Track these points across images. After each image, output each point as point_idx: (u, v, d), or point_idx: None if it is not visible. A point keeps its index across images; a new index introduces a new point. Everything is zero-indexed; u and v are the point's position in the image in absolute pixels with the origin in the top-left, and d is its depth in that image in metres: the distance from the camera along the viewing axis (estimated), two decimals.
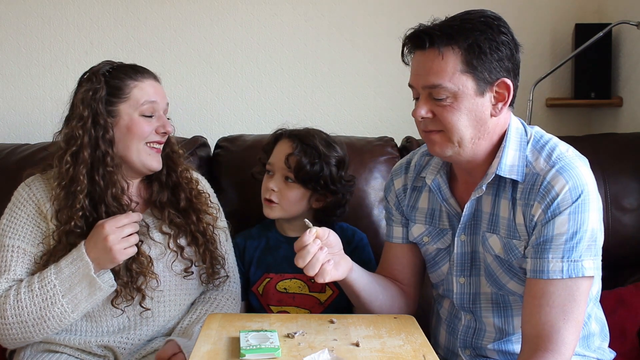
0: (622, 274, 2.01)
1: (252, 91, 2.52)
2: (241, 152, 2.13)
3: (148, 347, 1.59)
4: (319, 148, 1.77)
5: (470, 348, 1.50)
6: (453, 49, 1.30)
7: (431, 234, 1.52)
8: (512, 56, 1.33)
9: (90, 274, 1.45)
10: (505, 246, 1.38)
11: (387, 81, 2.50)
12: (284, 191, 1.76)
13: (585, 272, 1.30)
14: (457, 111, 1.32)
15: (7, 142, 2.34)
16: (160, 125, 1.58)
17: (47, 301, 1.45)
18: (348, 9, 2.50)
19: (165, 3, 2.49)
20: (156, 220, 1.64)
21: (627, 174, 2.04)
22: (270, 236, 1.87)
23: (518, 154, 1.37)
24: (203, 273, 1.66)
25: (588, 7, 2.50)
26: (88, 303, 1.48)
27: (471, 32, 1.30)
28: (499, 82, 1.32)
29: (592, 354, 1.48)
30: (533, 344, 1.31)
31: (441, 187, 1.48)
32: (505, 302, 1.44)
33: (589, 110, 2.55)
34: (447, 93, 1.31)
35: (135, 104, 1.55)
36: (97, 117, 1.52)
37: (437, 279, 1.56)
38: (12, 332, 1.47)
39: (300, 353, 1.19)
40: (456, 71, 1.30)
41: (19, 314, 1.45)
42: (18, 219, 1.54)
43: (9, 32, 2.48)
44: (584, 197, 1.30)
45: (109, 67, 1.58)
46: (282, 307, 1.80)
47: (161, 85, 1.64)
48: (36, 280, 1.47)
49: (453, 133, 1.34)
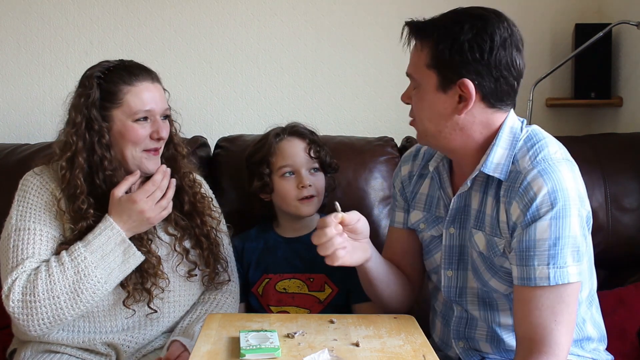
0: (622, 274, 2.01)
1: (252, 91, 2.52)
2: (241, 152, 2.12)
3: (149, 346, 1.60)
4: (318, 135, 1.87)
5: (464, 339, 1.50)
6: (422, 44, 1.36)
7: (427, 220, 1.54)
8: (482, 58, 1.30)
9: (126, 240, 1.47)
10: (488, 243, 1.39)
11: (387, 81, 2.50)
12: (315, 183, 1.80)
13: (571, 279, 1.29)
14: (419, 102, 1.39)
15: (7, 142, 2.34)
16: (155, 130, 1.54)
17: (80, 273, 1.43)
18: (348, 9, 2.50)
19: (165, 3, 2.49)
20: (162, 222, 1.62)
21: (627, 174, 2.04)
22: (268, 238, 1.87)
23: (507, 152, 1.36)
24: (205, 276, 1.66)
25: (588, 7, 2.50)
26: (120, 272, 1.48)
27: (438, 30, 1.34)
28: (459, 81, 1.33)
29: (588, 355, 1.47)
30: (527, 347, 1.31)
31: (441, 174, 1.50)
32: (491, 298, 1.45)
33: (589, 110, 2.55)
34: (415, 83, 1.39)
35: (128, 111, 1.52)
36: (91, 122, 1.51)
37: (430, 266, 1.57)
38: (42, 311, 1.42)
39: (300, 353, 1.19)
40: (423, 65, 1.35)
41: (52, 289, 1.42)
42: (36, 204, 1.51)
43: (9, 32, 2.48)
44: (564, 203, 1.28)
45: (104, 69, 1.55)
46: (281, 307, 1.79)
47: (159, 86, 1.60)
48: (65, 254, 1.45)
49: (417, 123, 1.41)
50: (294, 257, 1.82)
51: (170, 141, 1.64)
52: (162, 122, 1.58)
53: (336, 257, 1.35)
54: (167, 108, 1.60)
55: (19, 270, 1.44)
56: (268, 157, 1.81)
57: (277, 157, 1.81)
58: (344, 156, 2.01)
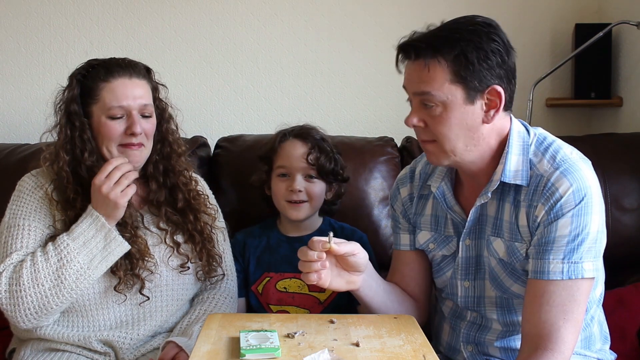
0: (622, 274, 2.00)
1: (252, 91, 2.52)
2: (241, 152, 2.13)
3: (148, 344, 1.60)
4: (328, 142, 1.83)
5: (473, 344, 1.50)
6: (439, 61, 1.30)
7: (437, 240, 1.53)
8: (503, 63, 1.31)
9: (105, 225, 1.49)
10: (508, 249, 1.39)
11: (387, 81, 2.50)
12: (309, 189, 1.79)
13: (585, 274, 1.30)
14: (447, 121, 1.32)
15: (7, 142, 2.34)
16: (128, 126, 1.55)
17: (62, 260, 1.46)
18: (348, 9, 2.50)
19: (165, 3, 2.49)
20: (153, 217, 1.65)
21: (627, 174, 2.04)
22: (271, 236, 1.87)
23: (522, 158, 1.37)
24: (199, 270, 1.66)
25: (588, 7, 2.50)
26: (102, 258, 1.49)
27: (457, 42, 1.29)
28: (489, 89, 1.32)
29: (594, 355, 1.48)
30: (533, 343, 1.31)
31: (445, 195, 1.48)
32: (509, 304, 1.45)
33: (589, 110, 2.55)
34: (436, 101, 1.31)
35: (103, 107, 1.54)
36: (72, 117, 1.56)
37: (442, 284, 1.56)
38: (28, 300, 1.45)
39: (300, 353, 1.19)
40: (445, 81, 1.30)
41: (35, 277, 1.45)
42: (29, 203, 1.55)
43: (9, 32, 2.48)
44: (587, 200, 1.30)
45: (88, 66, 1.59)
46: (281, 306, 1.80)
47: (140, 82, 1.58)
48: (50, 244, 1.49)
49: (445, 143, 1.34)
50: (296, 256, 1.81)
51: (165, 139, 1.65)
52: (141, 119, 1.56)
53: (308, 278, 1.36)
54: (147, 104, 1.58)
55: (6, 262, 1.48)
56: (270, 155, 1.84)
57: (277, 156, 1.82)
58: (344, 156, 2.01)
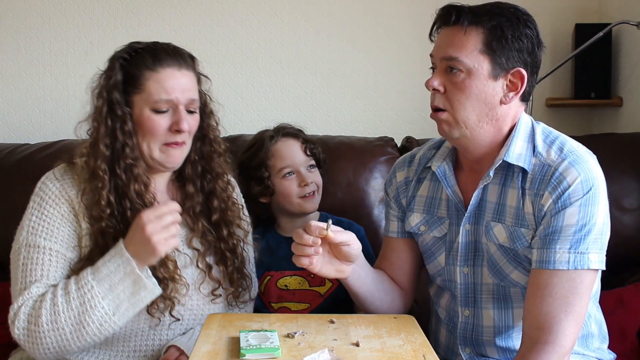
0: (622, 274, 2.00)
1: (252, 91, 2.52)
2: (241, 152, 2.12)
3: None
4: (305, 133, 1.90)
5: (471, 346, 1.50)
6: (477, 28, 1.33)
7: (428, 222, 1.53)
8: (532, 51, 1.35)
9: (134, 271, 1.33)
10: (511, 235, 1.38)
11: (387, 81, 2.50)
12: (315, 179, 1.85)
13: (591, 265, 1.30)
14: (467, 89, 1.34)
15: (7, 142, 2.34)
16: (174, 122, 1.42)
17: (86, 304, 1.32)
18: (348, 9, 2.50)
19: (165, 3, 2.49)
20: (188, 232, 1.52)
21: (627, 174, 2.04)
22: (269, 237, 1.88)
23: (526, 144, 1.39)
24: (229, 294, 1.54)
25: (588, 7, 2.50)
26: (130, 304, 1.35)
27: (497, 16, 1.34)
28: (514, 70, 1.34)
29: (592, 354, 1.48)
30: (533, 336, 1.31)
31: (447, 174, 1.49)
32: (506, 294, 1.44)
33: (589, 110, 2.55)
34: (462, 67, 1.33)
35: (148, 98, 1.40)
36: (113, 106, 1.40)
37: (434, 269, 1.55)
38: (47, 341, 1.33)
39: (300, 353, 1.19)
40: (475, 49, 1.33)
41: (55, 320, 1.32)
42: (52, 218, 1.41)
43: (9, 32, 2.48)
44: (595, 191, 1.31)
45: (131, 50, 1.45)
46: (282, 302, 1.81)
47: (188, 74, 1.46)
48: (73, 282, 1.34)
49: (459, 111, 1.35)
50: None
51: (205, 136, 1.54)
52: (187, 114, 1.44)
53: (299, 261, 1.36)
54: (194, 99, 1.47)
55: (25, 295, 1.36)
56: (266, 161, 1.83)
57: (276, 159, 1.82)
58: (344, 156, 2.01)
